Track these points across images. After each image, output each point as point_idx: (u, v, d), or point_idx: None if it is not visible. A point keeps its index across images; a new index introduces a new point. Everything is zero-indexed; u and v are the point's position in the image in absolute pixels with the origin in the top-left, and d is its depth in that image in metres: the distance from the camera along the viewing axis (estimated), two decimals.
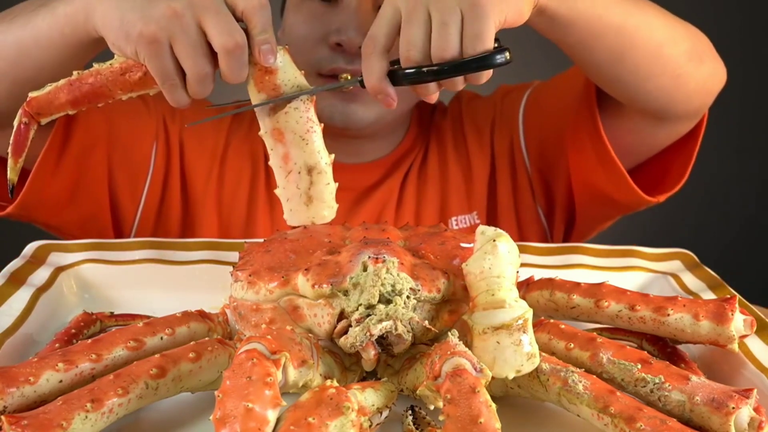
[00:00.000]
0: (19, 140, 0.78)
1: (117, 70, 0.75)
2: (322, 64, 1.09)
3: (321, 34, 1.09)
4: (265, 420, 0.52)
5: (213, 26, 0.72)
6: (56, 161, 1.04)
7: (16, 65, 0.89)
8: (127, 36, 0.73)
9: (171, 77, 0.74)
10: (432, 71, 0.73)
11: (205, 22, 0.72)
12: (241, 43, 0.72)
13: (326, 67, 1.09)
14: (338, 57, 1.08)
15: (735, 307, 0.69)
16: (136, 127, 1.16)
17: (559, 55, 0.98)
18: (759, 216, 2.56)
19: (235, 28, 0.72)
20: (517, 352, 0.61)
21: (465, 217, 1.22)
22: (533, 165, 1.22)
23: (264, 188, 1.19)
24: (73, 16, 0.82)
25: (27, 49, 0.87)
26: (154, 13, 0.72)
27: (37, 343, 0.75)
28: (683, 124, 1.08)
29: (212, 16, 0.72)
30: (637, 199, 1.12)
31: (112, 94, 0.76)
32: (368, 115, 1.12)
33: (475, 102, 1.29)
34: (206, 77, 0.74)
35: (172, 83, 0.74)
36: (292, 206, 0.80)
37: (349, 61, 1.07)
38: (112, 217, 1.16)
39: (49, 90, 0.76)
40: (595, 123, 1.08)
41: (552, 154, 1.20)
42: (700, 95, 1.03)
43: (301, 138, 0.77)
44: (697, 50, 1.00)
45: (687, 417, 0.60)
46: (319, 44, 1.09)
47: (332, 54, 1.08)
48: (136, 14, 0.73)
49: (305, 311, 0.68)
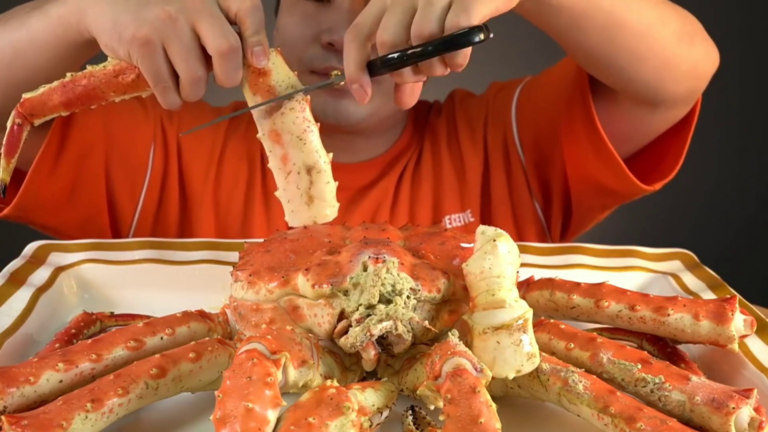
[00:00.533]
0: (12, 141, 0.78)
1: (110, 72, 0.75)
2: (315, 62, 1.09)
3: (313, 34, 1.09)
4: (266, 420, 0.52)
5: (207, 29, 0.72)
6: (53, 163, 1.04)
7: (10, 68, 0.89)
8: (119, 38, 0.73)
9: (164, 79, 0.74)
10: (406, 54, 0.71)
11: (199, 26, 0.72)
12: (235, 45, 0.72)
13: (319, 65, 1.09)
14: (330, 56, 1.08)
15: (735, 307, 0.69)
16: (134, 129, 1.16)
17: (552, 50, 0.98)
18: (759, 216, 2.56)
19: (228, 31, 0.72)
20: (517, 352, 0.61)
21: (458, 215, 1.22)
22: (528, 159, 1.22)
23: (260, 189, 1.19)
24: (66, 17, 0.82)
25: (21, 51, 0.87)
26: (148, 16, 0.72)
27: (37, 343, 0.75)
28: (677, 109, 1.08)
29: (206, 19, 0.72)
30: (633, 187, 1.12)
31: (105, 96, 0.77)
32: (360, 111, 1.12)
33: (468, 101, 1.29)
34: (200, 80, 0.74)
35: (164, 85, 0.74)
36: (294, 207, 0.80)
37: (341, 60, 1.07)
38: (110, 218, 1.16)
39: (43, 91, 0.77)
40: (589, 112, 1.08)
41: (547, 147, 1.20)
42: (692, 77, 1.03)
43: (298, 138, 0.77)
44: (688, 31, 0.99)
45: (687, 417, 0.60)
46: (312, 44, 1.10)
47: (325, 53, 1.09)
48: (129, 16, 0.73)
49: (305, 311, 0.68)
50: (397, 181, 1.23)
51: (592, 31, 0.92)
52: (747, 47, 2.27)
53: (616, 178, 1.11)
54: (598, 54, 0.96)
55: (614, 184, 1.13)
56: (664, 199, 2.09)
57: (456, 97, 1.31)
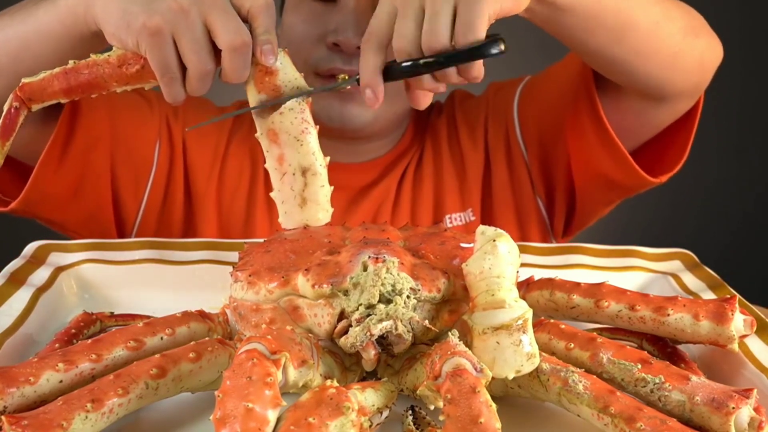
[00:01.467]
0: (7, 124, 0.77)
1: (114, 61, 0.75)
2: (320, 64, 1.09)
3: (319, 34, 1.09)
4: (266, 420, 0.52)
5: (220, 24, 0.72)
6: (59, 158, 1.04)
7: (17, 59, 0.89)
8: (128, 26, 0.73)
9: (171, 71, 0.74)
10: (423, 63, 0.72)
11: (212, 20, 0.73)
12: (248, 41, 0.73)
13: (323, 67, 1.09)
14: (335, 57, 1.08)
15: (735, 307, 0.69)
16: (140, 125, 1.16)
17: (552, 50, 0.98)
18: (759, 216, 2.56)
19: (241, 27, 0.73)
20: (517, 352, 0.61)
21: (460, 214, 1.22)
22: (532, 156, 1.22)
23: (263, 188, 1.20)
24: (73, 8, 0.82)
25: (28, 42, 0.88)
26: (160, 6, 0.72)
27: (37, 343, 0.75)
28: (682, 102, 1.08)
29: (219, 14, 0.73)
30: (639, 180, 1.11)
31: (107, 85, 0.76)
32: (366, 116, 1.12)
33: (467, 101, 1.30)
34: (208, 74, 0.74)
35: (171, 77, 0.74)
36: (287, 209, 0.80)
37: (346, 61, 1.07)
38: (115, 214, 1.16)
39: (43, 77, 0.76)
40: (595, 106, 1.08)
41: (551, 143, 1.20)
42: (698, 71, 1.03)
43: (295, 139, 0.77)
44: (692, 25, 1.00)
45: (687, 417, 0.60)
46: (317, 44, 1.10)
47: (330, 54, 1.09)
48: (139, 6, 0.73)
49: (305, 311, 0.68)
50: (399, 181, 1.23)
51: (602, 32, 0.92)
52: (747, 47, 2.27)
53: (622, 171, 1.11)
54: (607, 54, 0.96)
55: (621, 177, 1.13)
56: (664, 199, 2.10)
57: (456, 97, 1.31)
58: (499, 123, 1.24)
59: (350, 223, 0.83)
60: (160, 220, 1.19)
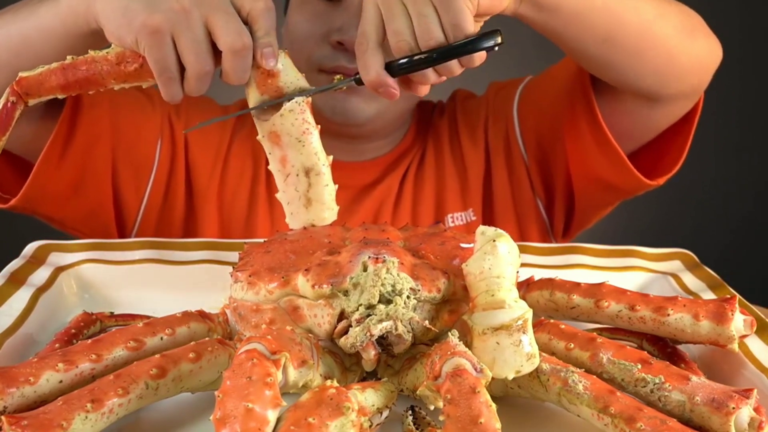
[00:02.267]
0: (3, 118, 0.77)
1: (112, 59, 0.75)
2: (324, 62, 1.10)
3: (323, 33, 1.10)
4: (265, 420, 0.52)
5: (222, 26, 0.72)
6: (60, 155, 1.04)
7: (18, 56, 0.89)
8: (129, 24, 0.73)
9: (169, 70, 0.74)
10: (424, 59, 0.73)
11: (213, 21, 0.73)
12: (248, 44, 0.73)
13: (328, 64, 1.09)
14: (340, 56, 1.09)
15: (735, 307, 0.69)
16: (141, 123, 1.16)
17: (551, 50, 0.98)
18: (759, 216, 2.56)
19: (242, 29, 0.73)
20: (517, 352, 0.61)
21: (461, 214, 1.22)
22: (531, 157, 1.22)
23: (264, 188, 1.20)
24: (74, 6, 0.82)
25: (29, 39, 0.88)
26: (161, 6, 0.73)
27: (37, 343, 0.75)
28: (680, 104, 1.07)
29: (220, 16, 0.73)
30: (636, 182, 1.11)
31: (105, 82, 0.76)
32: (369, 109, 1.12)
33: (468, 101, 1.30)
34: (207, 75, 0.74)
35: (169, 76, 0.74)
36: (293, 210, 0.80)
37: (350, 59, 1.07)
38: (116, 211, 1.16)
39: (41, 72, 0.76)
40: (592, 108, 1.08)
41: (550, 144, 1.20)
42: (694, 73, 1.02)
43: (297, 140, 0.77)
44: (688, 26, 0.98)
45: (687, 417, 0.60)
46: (321, 43, 1.10)
47: (334, 53, 1.09)
48: (140, 5, 0.73)
49: (305, 311, 0.68)
50: (401, 180, 1.23)
51: (591, 31, 0.91)
52: (747, 47, 2.27)
53: (619, 174, 1.11)
54: (598, 53, 0.96)
55: (617, 180, 1.13)
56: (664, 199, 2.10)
57: (457, 97, 1.31)
58: (499, 123, 1.24)
59: (352, 222, 0.83)
60: (161, 218, 1.19)
